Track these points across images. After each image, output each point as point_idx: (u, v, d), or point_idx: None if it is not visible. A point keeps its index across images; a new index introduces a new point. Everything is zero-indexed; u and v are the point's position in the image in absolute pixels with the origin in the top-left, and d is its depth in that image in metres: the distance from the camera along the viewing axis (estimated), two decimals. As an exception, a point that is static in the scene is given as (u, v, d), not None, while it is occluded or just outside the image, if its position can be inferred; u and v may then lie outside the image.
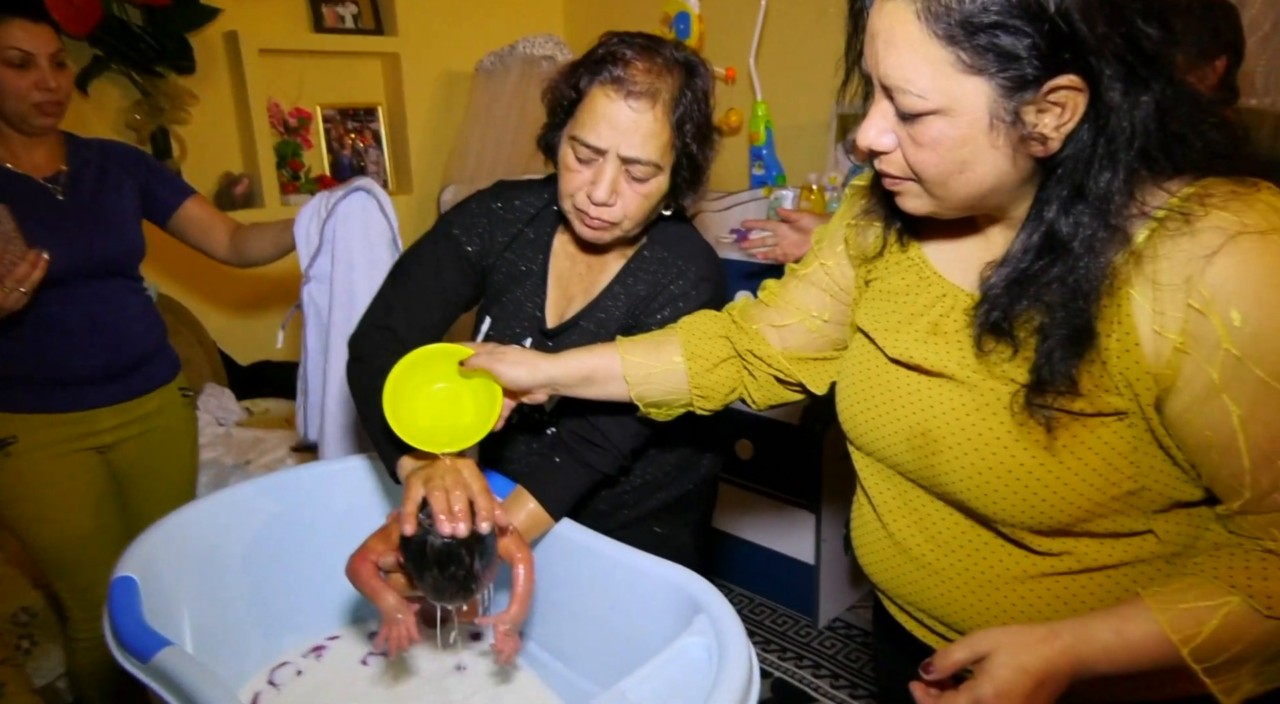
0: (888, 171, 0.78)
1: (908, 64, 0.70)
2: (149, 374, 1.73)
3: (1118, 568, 0.80)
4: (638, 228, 1.17)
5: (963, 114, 0.69)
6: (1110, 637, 0.72)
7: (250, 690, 1.17)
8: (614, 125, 1.07)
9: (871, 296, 0.95)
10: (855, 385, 0.94)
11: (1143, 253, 0.70)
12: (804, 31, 2.80)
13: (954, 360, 0.82)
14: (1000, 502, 0.79)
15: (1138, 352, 0.71)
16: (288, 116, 3.00)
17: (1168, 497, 0.77)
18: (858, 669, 2.26)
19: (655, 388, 1.06)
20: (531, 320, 1.25)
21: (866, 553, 0.98)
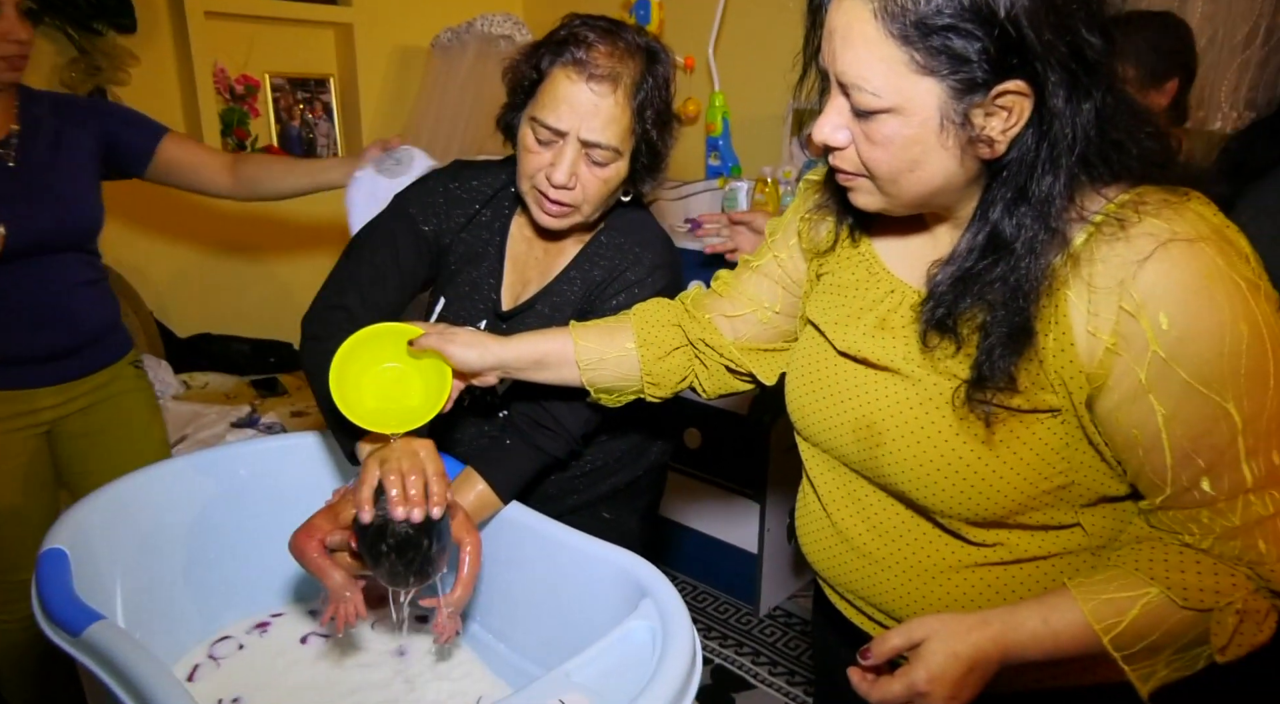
0: (841, 167, 0.80)
1: (863, 62, 0.71)
2: (95, 354, 1.62)
3: (1047, 559, 0.84)
4: (596, 213, 1.16)
5: (914, 114, 0.71)
6: (1037, 625, 0.75)
7: (189, 663, 1.14)
8: (575, 107, 1.07)
9: (822, 290, 0.96)
10: (804, 377, 0.95)
11: (1080, 256, 0.72)
12: (763, 24, 2.81)
13: (900, 355, 0.85)
14: (939, 493, 0.82)
15: (1072, 351, 0.74)
16: (234, 83, 2.91)
17: (1095, 492, 0.80)
18: (796, 657, 2.30)
19: (607, 374, 1.07)
20: (487, 302, 1.24)
21: (809, 541, 1.00)
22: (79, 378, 1.60)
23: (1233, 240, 0.71)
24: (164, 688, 0.77)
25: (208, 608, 1.21)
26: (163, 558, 1.17)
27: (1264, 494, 0.72)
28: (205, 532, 1.21)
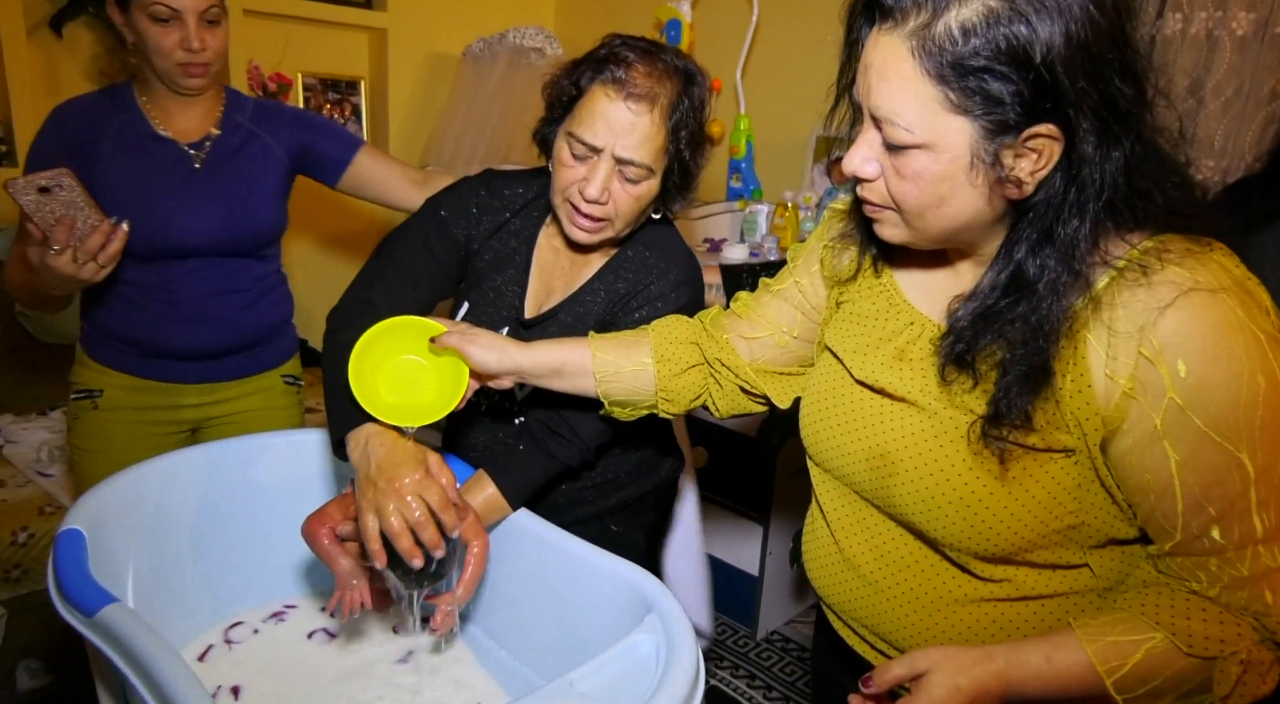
0: (869, 199, 0.81)
1: (898, 97, 0.72)
2: (246, 361, 1.63)
3: (1053, 598, 0.84)
4: (627, 229, 1.18)
5: (945, 151, 0.72)
6: (1041, 663, 0.76)
7: (204, 642, 1.16)
8: (611, 125, 1.08)
9: (842, 318, 0.97)
10: (819, 403, 0.96)
11: (1101, 299, 0.73)
12: (792, 51, 2.84)
13: (917, 387, 0.85)
14: (950, 526, 0.82)
15: (1089, 393, 0.74)
16: (268, 80, 2.95)
17: (1105, 533, 0.80)
18: (791, 683, 2.29)
19: (622, 386, 1.08)
20: (510, 309, 1.25)
21: (816, 567, 1.01)
22: (225, 381, 1.61)
23: (1254, 293, 0.72)
24: (174, 672, 0.78)
25: (219, 596, 1.22)
26: (177, 544, 1.18)
27: (1273, 546, 0.72)
28: (220, 520, 1.22)
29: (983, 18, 0.67)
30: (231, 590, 1.23)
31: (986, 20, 0.67)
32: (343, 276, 1.27)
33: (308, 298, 3.12)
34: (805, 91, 2.82)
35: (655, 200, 1.18)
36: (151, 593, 1.11)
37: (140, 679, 0.80)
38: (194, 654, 1.15)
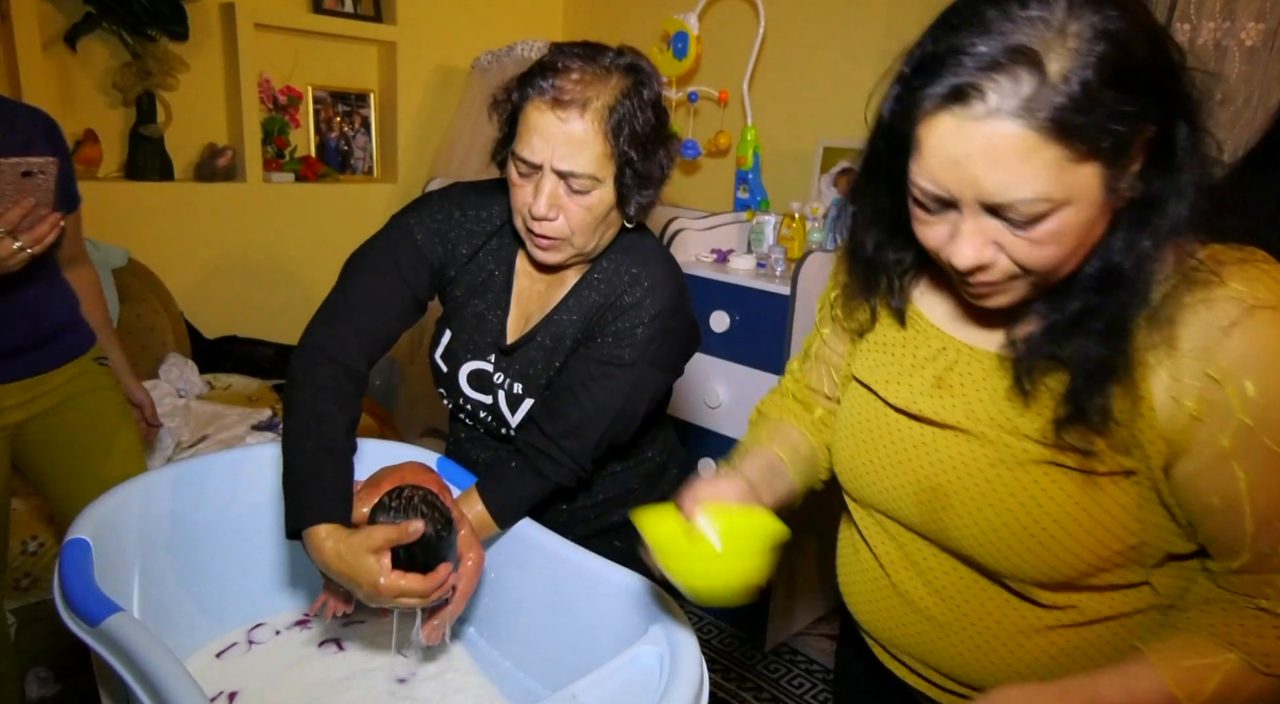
0: (988, 280, 0.74)
1: (1021, 176, 0.66)
2: (56, 350, 1.58)
3: (1116, 619, 0.82)
4: (591, 243, 1.12)
5: (1082, 198, 0.67)
6: (1119, 695, 0.74)
7: (226, 640, 1.18)
8: (545, 137, 1.03)
9: (865, 348, 0.94)
10: (855, 437, 0.92)
11: (1158, 314, 0.71)
12: (798, 62, 2.85)
13: (963, 413, 0.82)
14: (1012, 556, 0.80)
15: (1152, 416, 0.72)
16: (278, 93, 2.98)
17: (1163, 550, 0.79)
18: (799, 696, 2.27)
19: (810, 469, 1.03)
20: (491, 335, 1.21)
21: (862, 601, 0.97)
22: (40, 373, 1.56)
23: None
24: (177, 683, 0.78)
25: (225, 605, 1.22)
26: (184, 553, 1.18)
27: None
28: (227, 531, 1.22)
29: (1076, 59, 0.63)
30: (237, 600, 1.23)
31: (1082, 61, 0.63)
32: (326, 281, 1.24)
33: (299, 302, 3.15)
34: (812, 102, 2.82)
35: (614, 209, 1.11)
36: (158, 602, 1.11)
37: (143, 689, 0.81)
38: (214, 650, 1.16)
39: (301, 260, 3.09)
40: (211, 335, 2.87)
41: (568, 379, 1.15)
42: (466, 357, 1.23)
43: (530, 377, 1.19)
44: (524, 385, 1.20)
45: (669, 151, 1.12)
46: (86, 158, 2.59)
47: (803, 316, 2.22)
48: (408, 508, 1.01)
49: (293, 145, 3.04)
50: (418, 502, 1.01)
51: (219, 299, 2.92)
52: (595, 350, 1.14)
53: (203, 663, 1.15)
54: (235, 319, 2.97)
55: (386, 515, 1.01)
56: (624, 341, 1.13)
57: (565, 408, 1.13)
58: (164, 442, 2.14)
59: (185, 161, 2.82)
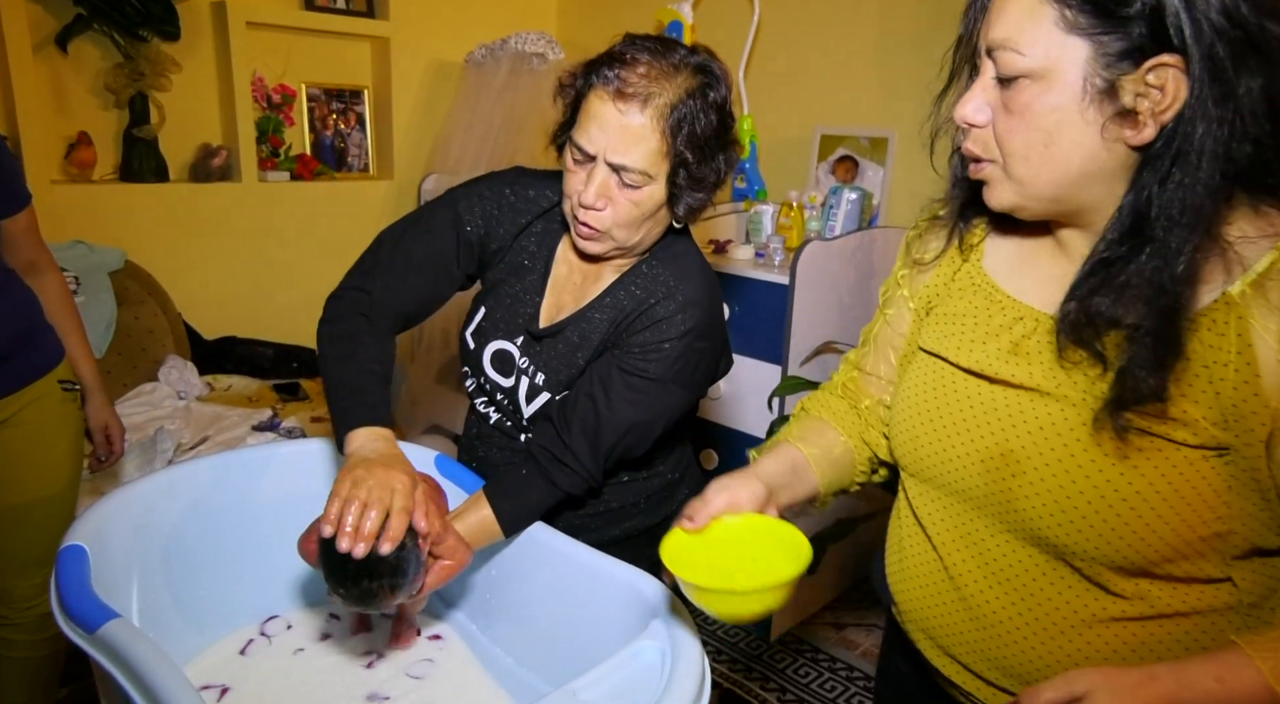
0: (973, 150, 0.77)
1: (1014, 22, 0.70)
2: (6, 374, 1.45)
3: (1189, 617, 0.77)
4: (633, 238, 1.11)
5: (1059, 77, 0.69)
6: (1212, 684, 0.68)
7: (225, 645, 1.18)
8: (603, 128, 1.03)
9: (935, 320, 0.91)
10: (918, 406, 0.89)
11: (1266, 280, 0.68)
12: (794, 51, 2.83)
13: (1042, 375, 0.78)
14: (1083, 532, 0.75)
15: (1258, 383, 0.68)
16: (271, 92, 2.96)
17: (1251, 542, 0.74)
18: (806, 684, 2.27)
19: (837, 471, 1.01)
20: (525, 318, 1.21)
21: (913, 592, 0.94)
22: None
23: None
24: (176, 689, 0.78)
25: (224, 610, 1.21)
26: (182, 558, 1.18)
27: None
28: (225, 533, 1.22)
29: None
30: (237, 604, 1.23)
31: None
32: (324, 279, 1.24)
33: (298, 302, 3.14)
34: (808, 90, 2.80)
35: (663, 206, 1.10)
36: (156, 608, 1.11)
37: (142, 695, 0.80)
38: (214, 656, 1.16)
39: (299, 259, 3.08)
40: (210, 336, 2.87)
41: (589, 385, 1.14)
42: (496, 335, 1.22)
43: (553, 370, 1.18)
44: (546, 377, 1.19)
45: (728, 157, 1.11)
46: (80, 161, 2.59)
47: (802, 305, 2.21)
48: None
49: (288, 144, 3.03)
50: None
51: (217, 300, 2.92)
52: (620, 359, 1.13)
53: (202, 668, 1.15)
54: (234, 319, 2.96)
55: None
56: (651, 355, 1.12)
57: (583, 414, 1.12)
58: (164, 444, 2.14)
59: (180, 162, 2.81)
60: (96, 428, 1.67)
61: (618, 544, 1.29)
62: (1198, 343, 0.70)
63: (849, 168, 2.66)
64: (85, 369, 1.64)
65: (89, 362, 1.66)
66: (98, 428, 1.67)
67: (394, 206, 3.27)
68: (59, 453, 1.55)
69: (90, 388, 1.65)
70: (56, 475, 1.55)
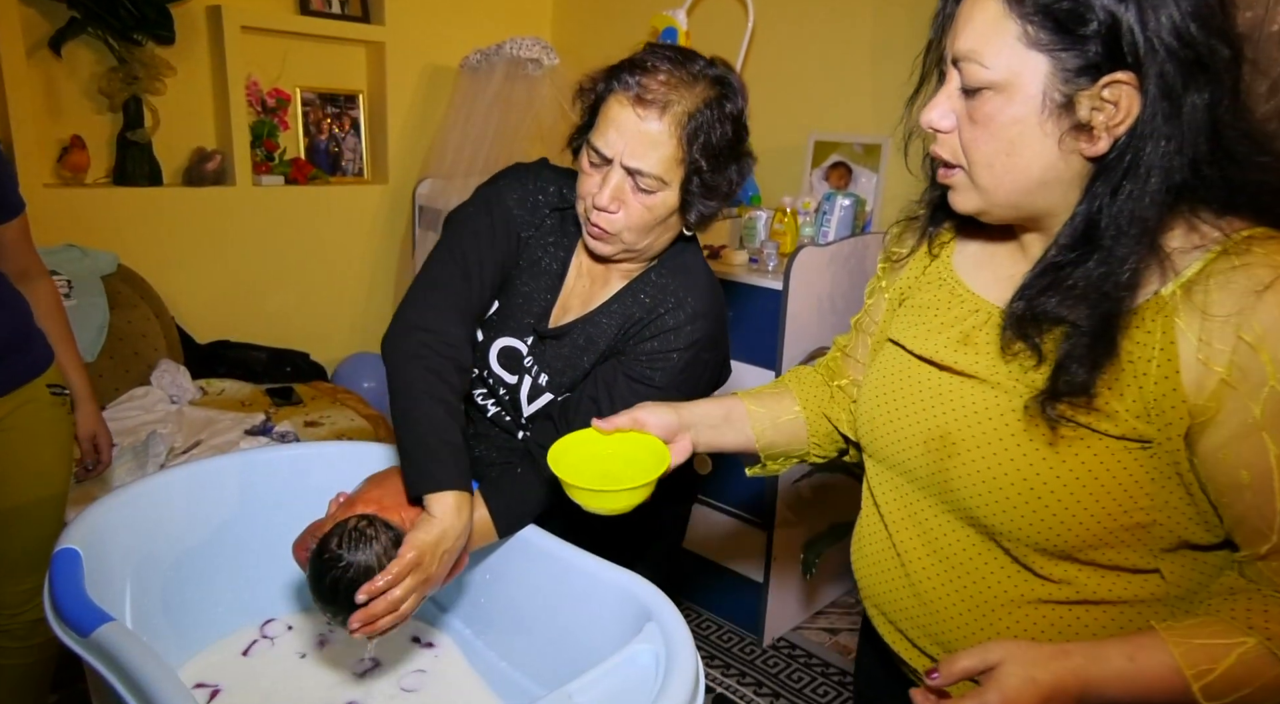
0: (940, 155, 0.81)
1: (979, 34, 0.73)
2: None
3: (1116, 605, 0.80)
4: (641, 240, 1.13)
5: (1020, 90, 0.72)
6: (1123, 663, 0.71)
7: (220, 649, 1.19)
8: (621, 132, 1.05)
9: (904, 312, 0.96)
10: (879, 390, 0.94)
11: (1193, 284, 0.71)
12: (788, 57, 2.84)
13: (983, 364, 0.83)
14: (1010, 513, 0.79)
15: (1177, 380, 0.71)
16: (266, 96, 2.96)
17: (1178, 535, 0.76)
18: (799, 689, 2.27)
19: (782, 436, 1.07)
20: (534, 317, 1.21)
21: (867, 567, 0.98)
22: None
23: None
24: (170, 694, 0.77)
25: (219, 615, 1.21)
26: (176, 562, 1.17)
27: None
28: (220, 537, 1.22)
29: None
30: (233, 607, 1.22)
31: None
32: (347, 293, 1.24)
33: (321, 316, 3.14)
34: (802, 96, 2.82)
35: (675, 213, 1.11)
36: (151, 611, 1.11)
37: (136, 700, 0.80)
38: (209, 659, 1.17)
39: (293, 263, 3.08)
40: (203, 340, 2.86)
41: (593, 389, 1.15)
42: (505, 331, 1.23)
43: (557, 371, 1.19)
44: (549, 378, 1.20)
45: (741, 168, 1.13)
46: (73, 164, 2.58)
47: (795, 311, 2.22)
48: (359, 542, 0.99)
49: (282, 148, 3.03)
50: (364, 531, 1.00)
51: (210, 304, 2.91)
52: (626, 366, 1.14)
53: (196, 672, 1.14)
54: (227, 324, 2.96)
55: (345, 549, 0.98)
56: (657, 363, 1.14)
57: (585, 416, 1.11)
58: (157, 448, 2.13)
59: (174, 166, 2.81)
60: (84, 437, 1.67)
61: (613, 544, 1.29)
62: (1127, 339, 0.73)
63: (842, 174, 2.68)
64: (75, 377, 1.64)
65: (79, 370, 1.65)
66: (85, 437, 1.67)
67: (388, 211, 3.27)
68: (48, 457, 1.55)
69: (80, 396, 1.65)
70: (45, 480, 1.55)
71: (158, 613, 1.12)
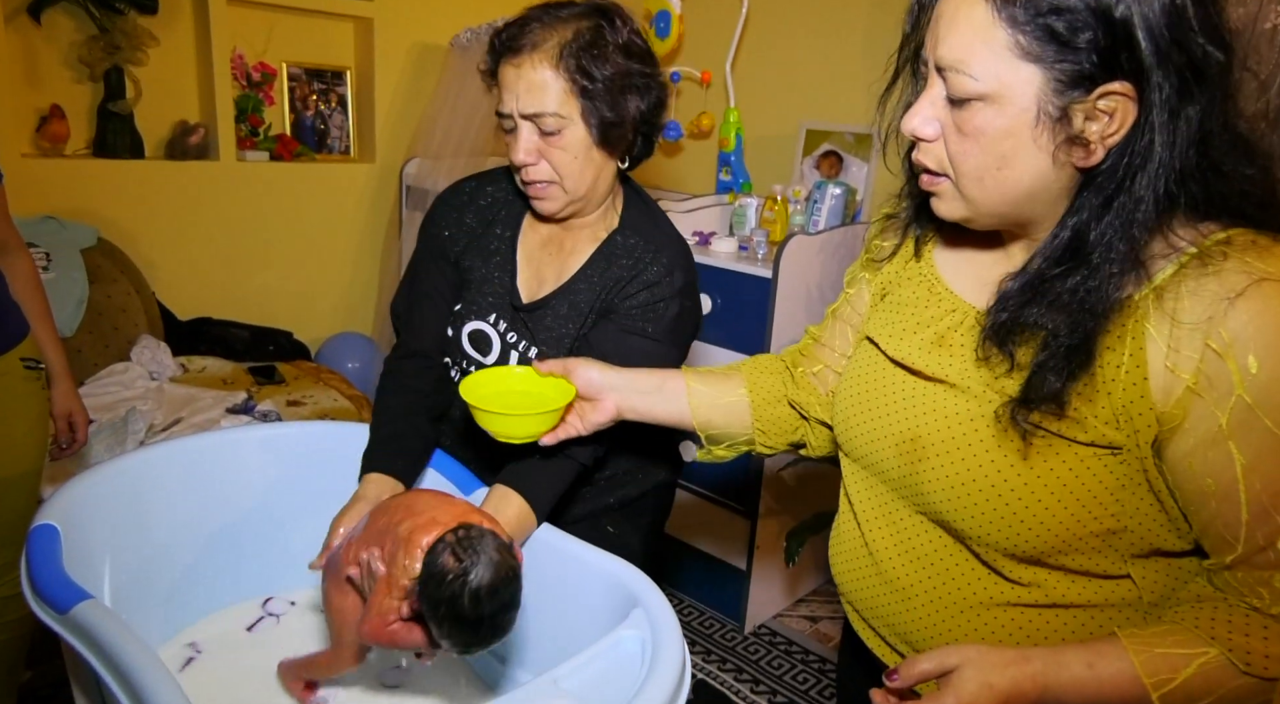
0: (925, 164, 0.77)
1: (966, 44, 0.69)
2: None
3: (1086, 609, 0.79)
4: (579, 186, 1.14)
5: (1011, 103, 0.69)
6: (1082, 669, 0.71)
7: (200, 629, 1.18)
8: (508, 87, 1.09)
9: (883, 308, 0.95)
10: (854, 389, 0.93)
11: (1165, 289, 0.69)
12: (782, 44, 2.82)
13: (955, 370, 0.82)
14: (978, 517, 0.78)
15: (1145, 386, 0.70)
16: (251, 70, 2.91)
17: (1149, 542, 0.76)
18: (779, 676, 2.29)
19: (720, 416, 1.07)
20: (499, 294, 1.24)
21: (841, 563, 0.98)
22: None
23: None
24: (148, 670, 0.76)
25: (200, 593, 1.20)
26: (156, 539, 1.16)
27: None
28: (201, 516, 1.20)
29: None
30: (211, 587, 1.21)
31: None
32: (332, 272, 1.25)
33: (305, 295, 3.10)
34: (795, 84, 2.80)
35: (595, 148, 1.12)
36: (129, 589, 1.09)
37: (114, 677, 0.79)
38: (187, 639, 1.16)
39: (277, 241, 3.04)
40: (185, 317, 2.82)
41: (587, 348, 1.17)
42: (470, 317, 1.25)
43: (544, 342, 1.21)
44: (540, 350, 1.22)
45: (648, 95, 1.14)
46: (52, 135, 2.53)
47: (784, 300, 2.22)
48: (477, 547, 0.87)
49: (267, 123, 2.98)
50: (488, 546, 0.88)
51: (192, 280, 2.87)
52: (619, 321, 1.17)
53: (175, 651, 1.13)
54: (209, 300, 2.92)
55: (449, 555, 0.87)
56: (649, 313, 1.17)
57: None
58: (136, 425, 2.10)
59: (156, 139, 2.76)
60: (60, 415, 1.64)
61: (609, 513, 1.33)
62: (1098, 346, 0.73)
63: (833, 163, 2.67)
64: (52, 354, 1.61)
65: (56, 346, 1.62)
66: (61, 415, 1.64)
67: (375, 190, 3.23)
68: (20, 432, 1.52)
69: (56, 374, 1.62)
70: (18, 455, 1.52)
71: (137, 590, 1.11)
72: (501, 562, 0.87)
